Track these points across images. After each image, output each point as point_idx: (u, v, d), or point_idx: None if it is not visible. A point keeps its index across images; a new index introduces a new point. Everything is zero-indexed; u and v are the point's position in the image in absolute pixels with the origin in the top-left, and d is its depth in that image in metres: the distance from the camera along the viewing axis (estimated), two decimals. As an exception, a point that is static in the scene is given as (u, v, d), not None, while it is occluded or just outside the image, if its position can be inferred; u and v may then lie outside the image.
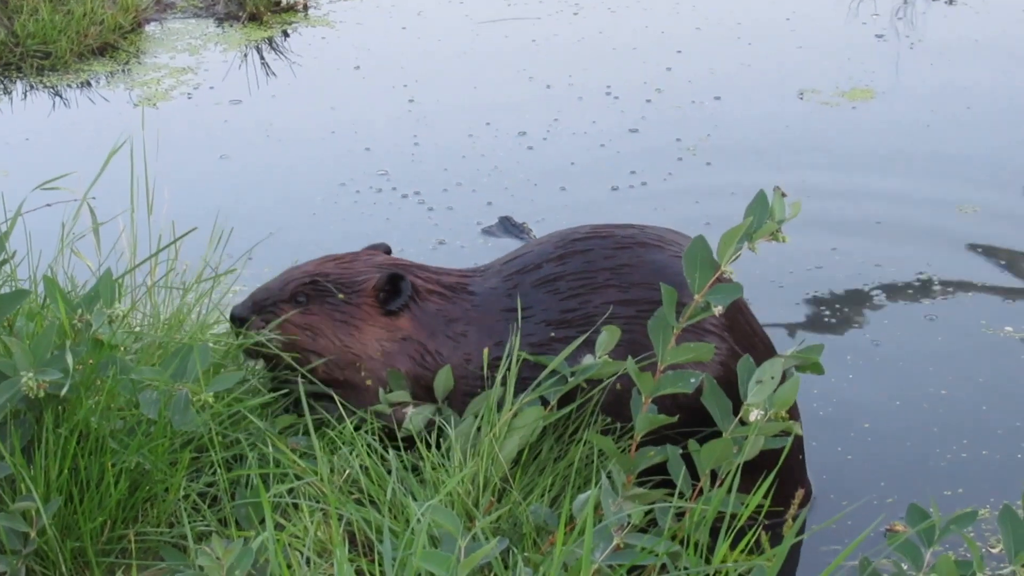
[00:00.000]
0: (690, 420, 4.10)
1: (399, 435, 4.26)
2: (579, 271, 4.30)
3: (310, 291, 4.38)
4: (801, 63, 8.66)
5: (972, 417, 5.17)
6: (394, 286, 4.35)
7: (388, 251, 4.60)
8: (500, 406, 4.17)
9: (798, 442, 4.44)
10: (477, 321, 4.35)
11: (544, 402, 4.17)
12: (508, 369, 4.19)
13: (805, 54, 8.83)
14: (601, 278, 4.28)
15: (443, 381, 4.31)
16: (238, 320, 4.43)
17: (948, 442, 5.03)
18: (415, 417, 4.27)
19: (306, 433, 4.22)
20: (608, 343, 4.13)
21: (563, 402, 4.20)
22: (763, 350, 4.30)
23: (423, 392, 4.35)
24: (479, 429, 4.15)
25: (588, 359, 4.16)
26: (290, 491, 4.04)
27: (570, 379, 4.14)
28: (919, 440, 5.05)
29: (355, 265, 4.43)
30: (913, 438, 5.06)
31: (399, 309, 4.34)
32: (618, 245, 4.31)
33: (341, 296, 4.35)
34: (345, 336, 4.34)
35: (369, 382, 4.34)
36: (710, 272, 3.78)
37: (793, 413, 4.29)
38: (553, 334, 4.27)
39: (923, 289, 6.00)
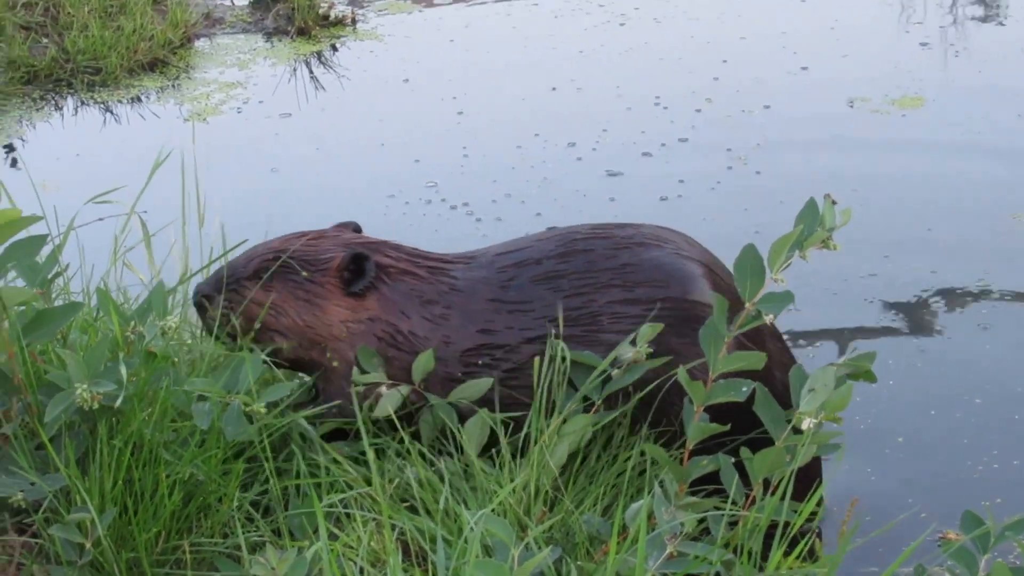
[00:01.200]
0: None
1: (367, 418, 4.19)
2: (582, 270, 4.26)
3: (273, 267, 4.29)
4: (848, 71, 8.62)
5: (1003, 426, 5.11)
6: (358, 266, 4.26)
7: (358, 229, 4.49)
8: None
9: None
10: (460, 305, 4.27)
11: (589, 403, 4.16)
12: (555, 375, 4.17)
13: (851, 62, 8.80)
14: (604, 278, 4.24)
15: (423, 363, 4.21)
16: (202, 296, 4.35)
17: (979, 452, 4.96)
18: (386, 401, 4.20)
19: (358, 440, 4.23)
20: (649, 336, 4.10)
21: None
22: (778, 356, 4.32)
23: (396, 373, 4.26)
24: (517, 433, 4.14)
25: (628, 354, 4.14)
26: (343, 500, 4.04)
27: (614, 375, 4.13)
28: (950, 451, 4.99)
29: (321, 243, 4.33)
30: (945, 450, 5.00)
31: (363, 290, 4.26)
32: (618, 245, 4.28)
33: (305, 274, 4.27)
34: (308, 315, 4.25)
35: (336, 364, 4.26)
36: (760, 280, 3.76)
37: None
38: (555, 331, 4.22)
39: (981, 297, 5.94)
